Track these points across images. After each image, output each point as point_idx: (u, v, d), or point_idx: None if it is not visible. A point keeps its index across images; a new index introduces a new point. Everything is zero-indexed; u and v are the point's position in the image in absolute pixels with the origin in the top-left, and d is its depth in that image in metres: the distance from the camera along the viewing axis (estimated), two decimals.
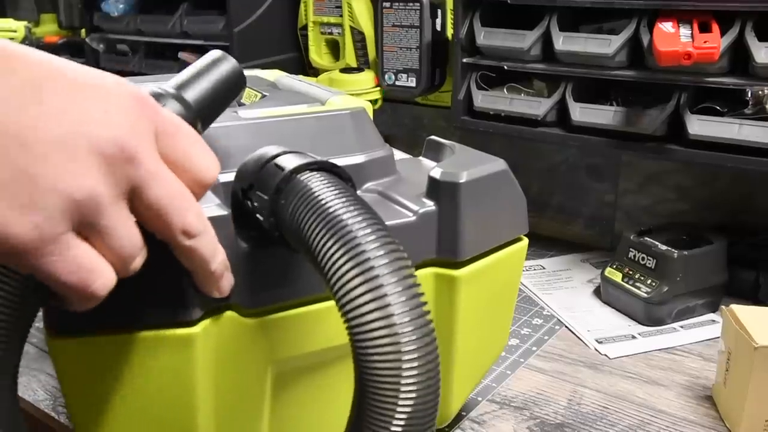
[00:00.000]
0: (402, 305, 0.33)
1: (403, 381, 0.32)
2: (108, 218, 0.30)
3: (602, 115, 0.78)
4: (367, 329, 0.33)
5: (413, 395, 0.33)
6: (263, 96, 0.60)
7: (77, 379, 0.41)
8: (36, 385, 0.65)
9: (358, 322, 0.33)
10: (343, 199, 0.36)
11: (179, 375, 0.41)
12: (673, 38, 0.68)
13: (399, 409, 0.32)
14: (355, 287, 0.33)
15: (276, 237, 0.40)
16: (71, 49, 1.54)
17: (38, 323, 0.76)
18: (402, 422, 0.32)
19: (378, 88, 1.04)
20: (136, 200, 0.32)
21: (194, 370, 0.41)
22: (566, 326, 0.76)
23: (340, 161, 0.48)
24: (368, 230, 0.34)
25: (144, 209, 0.32)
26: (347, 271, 0.33)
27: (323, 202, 0.36)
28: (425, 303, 0.34)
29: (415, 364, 0.32)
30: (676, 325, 0.75)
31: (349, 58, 1.08)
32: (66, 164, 0.29)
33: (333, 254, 0.34)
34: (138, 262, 0.33)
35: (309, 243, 0.36)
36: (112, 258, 0.31)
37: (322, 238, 0.35)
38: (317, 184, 0.37)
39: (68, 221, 0.29)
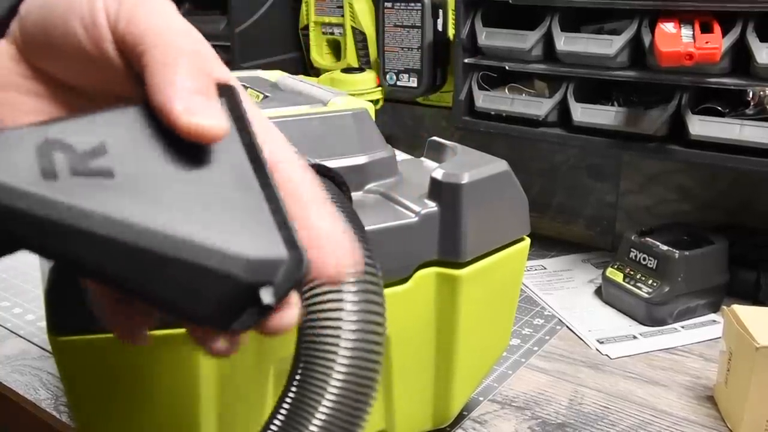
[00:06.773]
0: (354, 295, 0.34)
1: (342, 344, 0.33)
2: None
3: (603, 115, 0.78)
4: (317, 310, 0.33)
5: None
6: (265, 97, 0.60)
7: (80, 377, 0.41)
8: (38, 385, 0.65)
9: (311, 309, 0.34)
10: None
11: (183, 373, 0.41)
12: (675, 39, 0.68)
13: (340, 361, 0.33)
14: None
15: None
16: None
17: (40, 322, 0.77)
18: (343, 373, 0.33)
19: (379, 88, 1.04)
20: None
21: (198, 368, 0.41)
22: (567, 326, 0.76)
23: (342, 162, 0.48)
24: None
25: None
26: None
27: None
28: (381, 302, 0.35)
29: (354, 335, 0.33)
30: (677, 325, 0.75)
31: (351, 58, 1.09)
32: None
33: None
34: None
35: None
36: None
37: None
38: None
39: None
